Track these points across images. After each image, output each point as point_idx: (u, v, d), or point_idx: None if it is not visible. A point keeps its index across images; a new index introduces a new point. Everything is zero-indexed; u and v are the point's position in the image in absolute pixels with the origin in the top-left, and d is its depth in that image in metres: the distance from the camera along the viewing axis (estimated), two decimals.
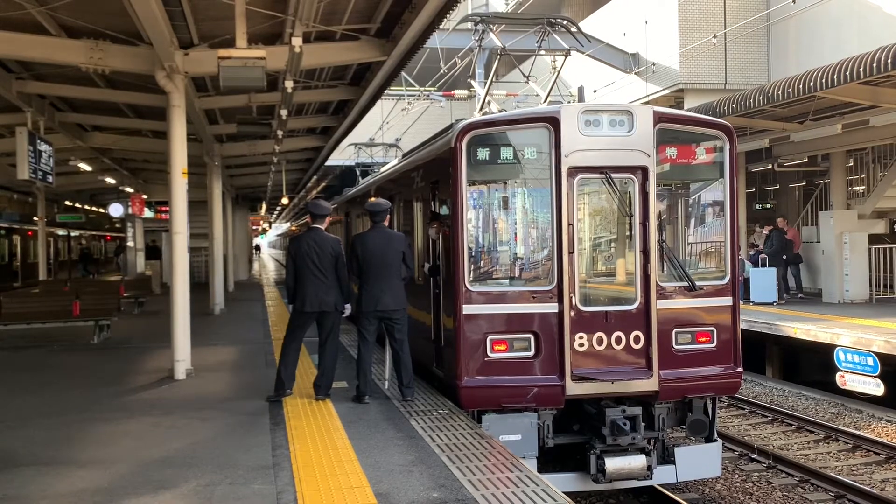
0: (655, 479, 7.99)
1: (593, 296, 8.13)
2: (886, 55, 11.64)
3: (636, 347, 7.96)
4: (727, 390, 8.81)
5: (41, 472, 6.13)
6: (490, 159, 8.02)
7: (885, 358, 11.85)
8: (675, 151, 8.23)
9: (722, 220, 8.45)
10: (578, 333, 7.85)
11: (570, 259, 7.87)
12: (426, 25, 10.15)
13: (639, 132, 7.96)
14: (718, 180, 8.44)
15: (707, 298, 8.27)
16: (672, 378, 7.96)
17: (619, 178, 8.03)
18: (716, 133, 8.38)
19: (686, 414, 8.30)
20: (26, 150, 11.73)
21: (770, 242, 17.61)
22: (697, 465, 8.35)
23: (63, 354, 12.84)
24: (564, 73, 25.67)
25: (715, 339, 8.27)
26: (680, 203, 8.72)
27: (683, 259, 8.46)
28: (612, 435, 7.64)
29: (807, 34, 19.56)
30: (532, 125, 8.05)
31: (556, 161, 7.87)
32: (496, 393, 7.82)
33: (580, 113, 7.93)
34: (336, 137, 19.11)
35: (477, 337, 7.87)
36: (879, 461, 10.26)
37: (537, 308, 7.90)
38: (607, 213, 8.35)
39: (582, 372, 7.80)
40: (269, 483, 5.72)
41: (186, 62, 10.30)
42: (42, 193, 26.91)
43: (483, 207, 8.30)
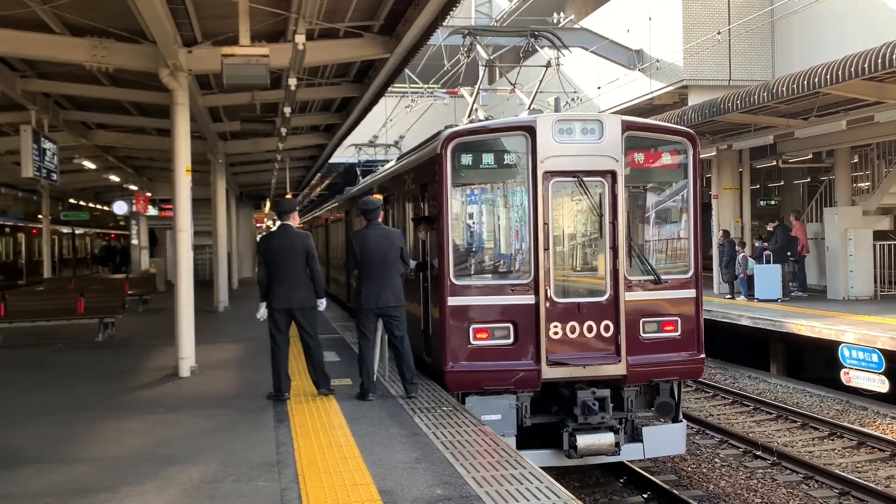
0: (624, 455, 8.69)
1: (567, 288, 8.76)
2: (891, 51, 11.59)
3: (606, 335, 8.63)
4: (691, 375, 9.48)
5: (45, 469, 6.14)
6: (473, 164, 8.74)
7: (890, 354, 11.83)
8: (643, 156, 8.94)
9: (687, 219, 9.15)
10: (553, 323, 8.54)
11: (546, 255, 8.57)
12: (429, 22, 10.14)
13: (608, 139, 8.67)
14: (683, 182, 9.12)
15: (672, 291, 8.96)
16: (639, 363, 8.64)
17: (591, 182, 8.71)
18: (680, 139, 9.10)
19: (654, 397, 8.95)
20: (31, 148, 11.76)
21: (774, 239, 17.58)
22: (663, 443, 8.99)
23: (67, 352, 12.87)
24: (569, 71, 25.67)
25: (679, 328, 8.94)
26: (648, 203, 9.40)
27: (651, 255, 9.14)
28: (583, 415, 8.29)
29: (811, 30, 19.49)
30: (511, 133, 8.78)
31: (533, 166, 8.56)
32: (479, 377, 8.50)
33: (555, 122, 8.65)
34: (340, 135, 19.12)
35: (461, 326, 8.55)
36: (884, 458, 10.24)
37: (516, 300, 8.57)
38: (580, 214, 9.01)
39: (556, 358, 8.49)
40: (274, 480, 5.73)
41: (190, 60, 10.31)
42: (47, 191, 26.95)
43: (466, 208, 9.11)
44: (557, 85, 25.39)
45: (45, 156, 12.40)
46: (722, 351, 17.45)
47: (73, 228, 39.95)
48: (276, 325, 8.45)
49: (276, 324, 8.45)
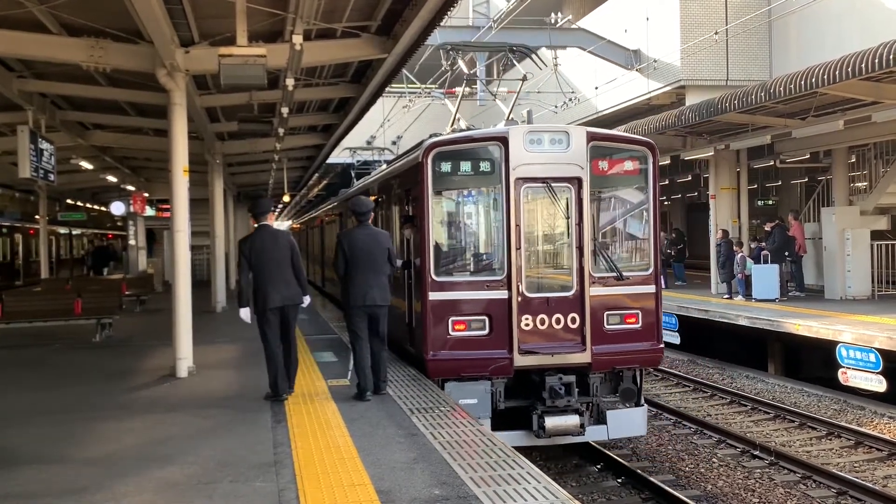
0: (589, 436, 9.61)
1: (537, 284, 9.59)
2: (888, 51, 11.61)
3: (573, 327, 9.45)
4: (650, 363, 10.34)
5: (43, 469, 6.14)
6: (452, 171, 9.57)
7: (888, 354, 11.84)
8: (607, 164, 9.78)
9: (647, 221, 10.00)
10: (524, 315, 9.35)
11: (518, 254, 9.37)
12: (427, 23, 10.13)
13: (574, 149, 9.50)
14: (643, 187, 9.97)
15: (633, 286, 9.74)
16: (603, 352, 9.46)
17: (558, 187, 9.55)
18: (640, 149, 9.95)
19: (618, 383, 9.80)
20: (28, 148, 11.73)
21: (772, 239, 17.59)
22: (626, 425, 9.84)
23: (65, 352, 12.85)
24: (567, 70, 25.68)
25: (640, 321, 9.72)
26: (612, 206, 10.27)
27: (614, 254, 9.96)
28: (551, 398, 9.16)
29: (808, 30, 19.52)
30: (486, 143, 9.59)
31: (506, 173, 9.37)
32: (457, 365, 9.31)
33: (525, 133, 9.47)
34: (337, 135, 19.11)
35: (441, 319, 9.37)
36: (882, 458, 10.25)
37: (490, 295, 9.39)
38: (549, 216, 9.81)
39: (527, 347, 9.30)
40: (271, 481, 5.73)
41: (187, 60, 10.30)
42: (44, 192, 26.92)
43: (446, 211, 10.00)
44: (555, 85, 25.45)
45: (42, 156, 12.37)
46: (720, 351, 17.48)
47: (70, 229, 39.92)
48: (269, 326, 8.45)
49: (269, 324, 8.44)
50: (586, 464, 10.25)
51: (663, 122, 18.25)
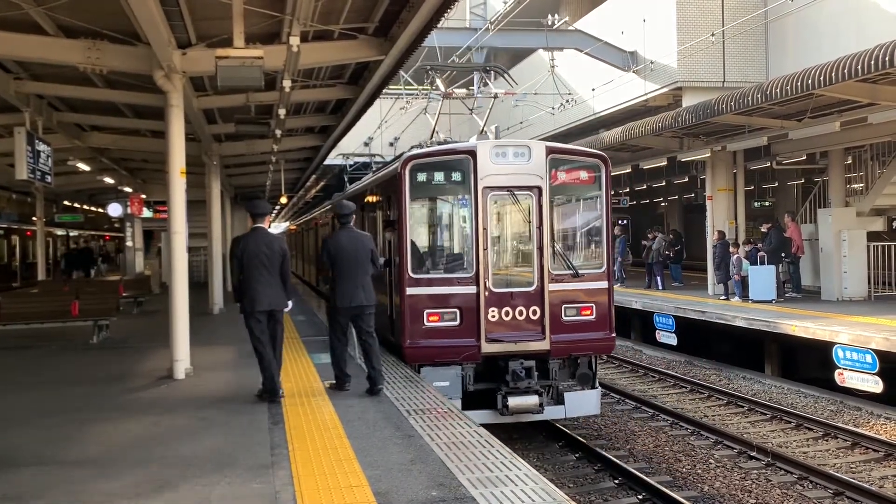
0: (547, 415, 10.70)
1: (502, 280, 10.71)
2: (884, 53, 11.64)
3: (534, 318, 10.58)
4: (604, 350, 11.39)
5: (40, 471, 6.13)
6: (427, 181, 10.72)
7: (884, 355, 11.86)
8: (564, 174, 10.95)
9: (600, 224, 11.15)
10: (491, 308, 10.48)
11: (485, 254, 10.50)
12: (424, 24, 10.15)
13: (535, 161, 10.64)
14: (597, 194, 11.13)
15: (588, 283, 10.86)
16: (561, 341, 10.60)
17: (521, 194, 10.69)
18: (594, 161, 11.14)
19: (575, 368, 10.93)
20: (25, 150, 11.71)
21: (769, 240, 17.61)
22: (581, 405, 10.93)
23: (62, 354, 12.84)
24: (564, 73, 25.71)
25: (594, 313, 10.80)
26: (569, 211, 11.42)
27: (573, 253, 11.11)
28: (514, 381, 10.29)
29: (804, 32, 19.56)
30: (457, 156, 10.72)
31: (475, 182, 10.50)
32: (431, 352, 10.41)
33: (492, 147, 10.69)
34: (335, 136, 19.11)
35: (417, 311, 10.46)
36: (878, 458, 10.27)
37: (461, 290, 10.51)
38: (513, 220, 10.98)
39: (493, 336, 10.43)
40: (268, 482, 5.73)
41: (184, 62, 10.30)
42: (41, 193, 26.90)
43: (421, 216, 11.18)
44: (552, 87, 25.47)
45: (39, 158, 12.35)
46: (717, 352, 17.50)
47: (67, 231, 39.86)
48: (259, 327, 8.50)
49: (259, 325, 8.50)
50: (585, 464, 10.27)
51: (660, 123, 18.27)
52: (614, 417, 12.78)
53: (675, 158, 21.60)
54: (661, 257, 22.04)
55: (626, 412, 13.13)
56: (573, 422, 12.01)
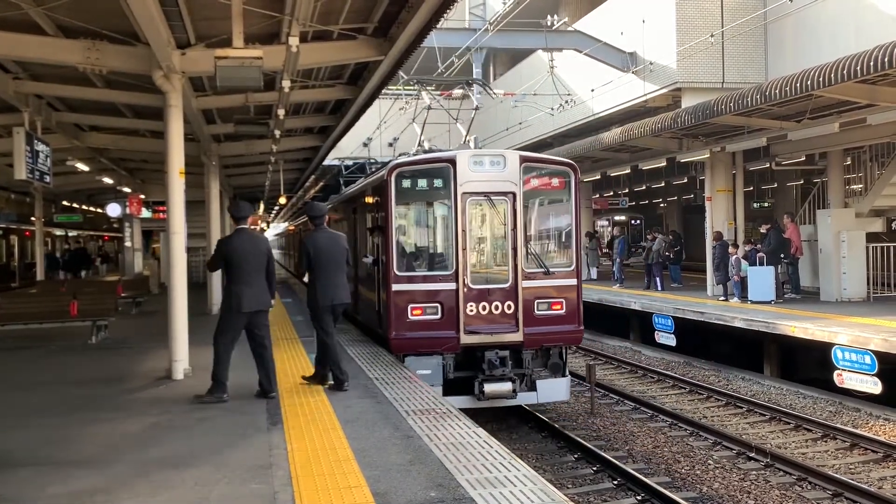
0: (520, 400, 11.53)
1: (480, 278, 11.53)
2: (884, 54, 11.64)
3: (509, 312, 11.42)
4: (573, 341, 12.21)
5: (39, 472, 6.12)
6: (411, 187, 11.63)
7: (883, 356, 11.86)
8: (537, 181, 11.91)
9: (569, 226, 12.04)
10: (469, 303, 11.32)
11: (464, 253, 11.32)
12: (423, 25, 10.15)
13: (509, 169, 11.49)
14: (567, 199, 12.02)
15: (558, 280, 11.72)
16: (533, 333, 11.43)
17: (497, 199, 11.54)
18: (564, 168, 12.02)
19: (547, 358, 11.76)
20: (24, 150, 11.70)
21: (768, 241, 17.61)
22: (552, 392, 11.83)
23: (61, 354, 12.83)
24: (563, 74, 25.69)
25: (564, 308, 11.68)
26: (542, 215, 12.27)
27: (543, 253, 11.93)
28: (489, 369, 11.15)
29: (804, 33, 19.56)
30: (438, 164, 11.56)
31: (454, 188, 11.32)
32: (415, 342, 11.25)
33: (470, 156, 11.49)
34: (334, 137, 19.11)
35: (402, 305, 11.28)
36: (877, 459, 10.28)
37: (442, 286, 11.35)
38: (489, 223, 11.83)
39: (471, 328, 11.26)
40: (267, 482, 5.72)
41: (183, 62, 10.29)
42: (40, 193, 26.88)
43: (406, 219, 12.08)
44: (551, 87, 25.48)
45: (38, 158, 12.34)
46: (716, 353, 17.50)
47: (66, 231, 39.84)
48: (235, 328, 8.63)
49: (236, 326, 8.63)
50: (583, 465, 10.27)
51: (659, 124, 18.27)
52: (613, 418, 12.77)
53: (674, 159, 21.61)
54: (660, 258, 22.05)
55: (626, 413, 13.12)
56: (571, 422, 11.99)
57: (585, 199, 28.99)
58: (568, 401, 12.81)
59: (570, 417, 12.86)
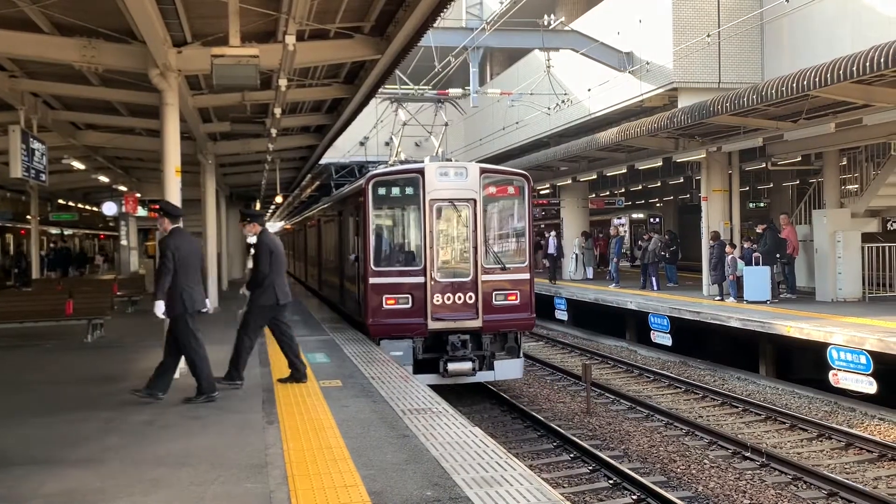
0: (479, 378, 13.34)
1: (445, 272, 13.20)
2: (879, 54, 11.66)
3: (470, 302, 13.13)
4: (526, 327, 13.88)
5: (33, 471, 6.11)
6: (385, 194, 13.32)
7: (878, 356, 11.88)
8: (495, 189, 13.60)
9: (523, 228, 13.77)
10: (436, 294, 13.02)
11: (431, 251, 13.04)
12: (420, 24, 10.14)
13: (470, 179, 13.28)
14: (521, 205, 13.71)
15: (513, 274, 13.44)
16: (491, 320, 13.15)
17: (460, 205, 13.27)
18: (518, 178, 13.79)
19: (505, 342, 13.48)
20: (19, 148, 11.67)
21: (763, 241, 17.63)
22: (508, 371, 13.57)
23: (56, 353, 12.81)
24: (559, 72, 25.70)
25: (518, 298, 13.35)
26: (499, 218, 13.88)
27: (502, 251, 13.63)
28: (452, 351, 12.90)
29: (800, 33, 19.58)
30: (409, 175, 13.33)
31: (423, 195, 13.09)
32: (389, 328, 12.96)
33: (437, 168, 13.26)
34: (330, 136, 19.10)
35: (378, 296, 13.00)
36: (872, 459, 10.29)
37: (412, 279, 13.06)
38: (453, 226, 13.45)
39: (437, 316, 12.98)
40: (262, 482, 5.72)
41: (180, 60, 10.28)
42: (35, 192, 26.82)
43: (381, 221, 13.66)
44: (548, 87, 25.48)
45: (33, 156, 12.32)
46: (711, 352, 17.52)
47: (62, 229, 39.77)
48: (195, 328, 8.59)
49: (194, 325, 8.58)
50: (580, 464, 10.27)
51: (655, 124, 18.29)
52: (609, 417, 12.79)
53: (670, 159, 21.62)
54: (656, 258, 22.07)
55: (621, 412, 13.14)
56: (567, 422, 11.96)
57: (582, 198, 29.08)
58: (520, 378, 14.66)
59: (567, 417, 12.87)
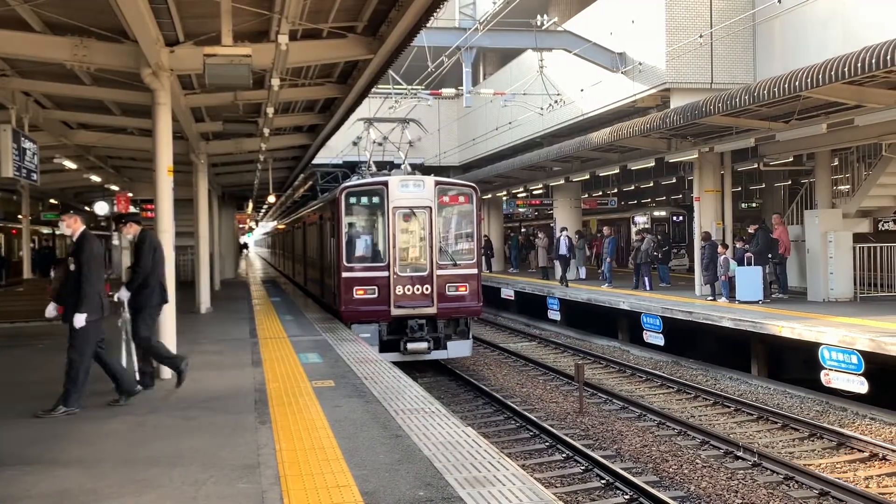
0: (434, 356, 15.73)
1: (406, 267, 15.60)
2: (871, 55, 11.70)
3: (427, 293, 15.54)
4: (474, 314, 16.26)
5: (24, 471, 6.08)
6: (356, 202, 15.89)
7: (869, 356, 11.92)
8: (448, 198, 15.98)
9: (471, 231, 16.23)
10: (398, 286, 15.42)
11: (394, 250, 15.46)
12: (413, 24, 10.13)
13: (427, 189, 15.67)
14: (470, 212, 16.12)
15: (463, 269, 15.86)
16: (445, 307, 15.61)
17: (418, 211, 15.63)
18: (468, 189, 16.29)
19: (457, 327, 15.96)
20: (10, 147, 11.60)
21: (756, 241, 17.67)
22: (459, 350, 16.05)
23: (47, 353, 12.73)
24: (552, 72, 25.70)
25: (468, 289, 15.82)
26: (452, 222, 16.31)
27: (454, 249, 16.02)
28: (412, 333, 15.41)
29: (792, 34, 19.65)
30: (376, 186, 15.85)
31: (388, 203, 15.53)
32: (359, 314, 15.46)
33: (399, 181, 15.75)
34: (323, 135, 19.07)
35: (349, 287, 15.45)
36: (863, 458, 10.34)
37: (378, 273, 15.49)
38: (413, 229, 15.83)
39: (399, 304, 15.40)
40: (255, 482, 5.71)
41: (172, 60, 10.24)
42: (27, 191, 26.70)
43: (352, 225, 16.05)
44: (541, 87, 25.50)
45: (24, 155, 12.24)
46: (704, 352, 17.56)
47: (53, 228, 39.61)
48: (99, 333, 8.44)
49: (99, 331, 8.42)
50: (572, 464, 10.28)
51: (648, 124, 18.32)
52: (601, 417, 12.80)
53: (663, 159, 21.66)
54: (649, 258, 22.11)
55: (614, 412, 13.16)
56: (560, 421, 11.94)
57: (575, 198, 29.12)
58: (469, 356, 16.85)
59: (559, 416, 12.88)
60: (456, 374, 16.23)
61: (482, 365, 17.99)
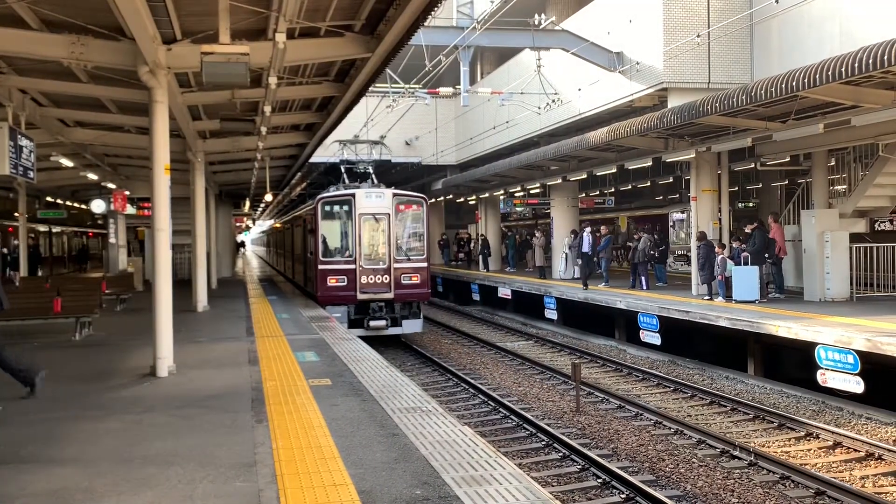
0: (391, 331, 19.63)
1: (369, 262, 19.57)
2: (868, 55, 11.72)
3: (386, 282, 19.55)
4: (424, 298, 20.42)
5: (21, 470, 6.08)
6: (330, 210, 19.93)
7: (866, 356, 11.94)
8: (404, 206, 19.99)
9: (423, 234, 20.23)
10: (363, 276, 19.43)
11: (360, 248, 19.46)
12: (411, 22, 10.12)
13: (387, 199, 19.86)
14: (422, 218, 20.22)
15: (415, 263, 19.89)
16: (400, 294, 19.64)
17: (379, 217, 19.70)
18: (419, 199, 20.37)
19: (411, 309, 19.97)
20: (7, 145, 11.58)
21: (752, 241, 17.69)
22: (412, 327, 20.00)
23: (44, 351, 12.73)
24: (549, 71, 25.71)
25: (419, 279, 19.81)
26: (407, 227, 20.20)
27: (408, 247, 19.95)
28: (373, 313, 19.44)
29: (789, 34, 19.65)
30: (346, 197, 19.87)
31: (355, 210, 19.61)
32: (332, 298, 19.37)
33: (364, 192, 19.88)
34: (320, 134, 19.07)
35: (324, 277, 19.48)
36: (859, 458, 10.35)
37: (347, 266, 19.49)
38: (375, 231, 19.78)
39: (364, 290, 19.41)
40: (252, 480, 5.71)
41: (169, 58, 10.23)
42: (23, 189, 26.64)
43: (327, 229, 20.04)
44: (538, 86, 25.49)
45: (21, 153, 12.23)
46: (700, 352, 17.58)
47: (50, 227, 39.55)
48: None
49: None
50: (569, 463, 10.29)
51: (645, 123, 18.33)
52: (598, 416, 12.81)
53: (660, 159, 21.68)
54: (645, 257, 22.12)
55: (610, 411, 13.16)
56: (556, 420, 11.92)
57: (571, 198, 29.17)
58: (421, 332, 20.97)
59: (556, 415, 12.89)
60: (454, 373, 16.22)
61: (479, 364, 18.00)
